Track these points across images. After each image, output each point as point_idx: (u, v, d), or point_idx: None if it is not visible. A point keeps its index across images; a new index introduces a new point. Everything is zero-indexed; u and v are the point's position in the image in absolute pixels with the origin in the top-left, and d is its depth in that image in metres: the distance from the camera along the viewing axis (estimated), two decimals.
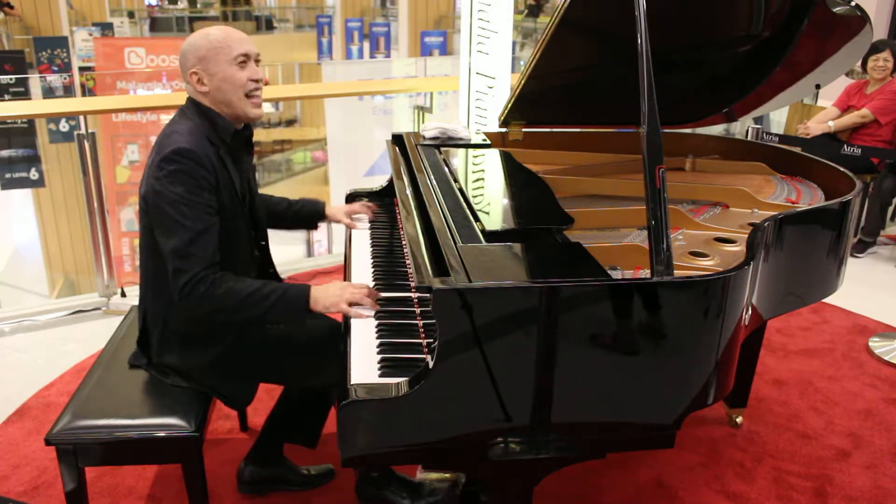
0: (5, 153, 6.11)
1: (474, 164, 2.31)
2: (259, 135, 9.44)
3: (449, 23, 11.54)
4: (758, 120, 5.21)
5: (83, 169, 3.48)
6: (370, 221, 2.38)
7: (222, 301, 1.68)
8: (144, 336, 1.91)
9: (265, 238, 2.04)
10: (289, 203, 2.27)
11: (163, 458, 1.93)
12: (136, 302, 2.00)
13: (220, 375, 1.86)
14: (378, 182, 2.61)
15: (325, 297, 1.72)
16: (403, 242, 2.14)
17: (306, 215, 2.28)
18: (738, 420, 2.62)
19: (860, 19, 2.22)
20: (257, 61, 1.82)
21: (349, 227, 2.35)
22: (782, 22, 2.29)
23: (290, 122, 10.41)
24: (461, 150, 2.45)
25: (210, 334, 1.83)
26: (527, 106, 2.53)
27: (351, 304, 1.72)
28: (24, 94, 6.40)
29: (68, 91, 6.98)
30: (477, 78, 3.71)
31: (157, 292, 1.84)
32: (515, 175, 2.19)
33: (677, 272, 1.47)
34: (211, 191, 1.72)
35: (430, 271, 1.55)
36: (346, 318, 1.74)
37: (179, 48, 1.80)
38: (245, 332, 1.86)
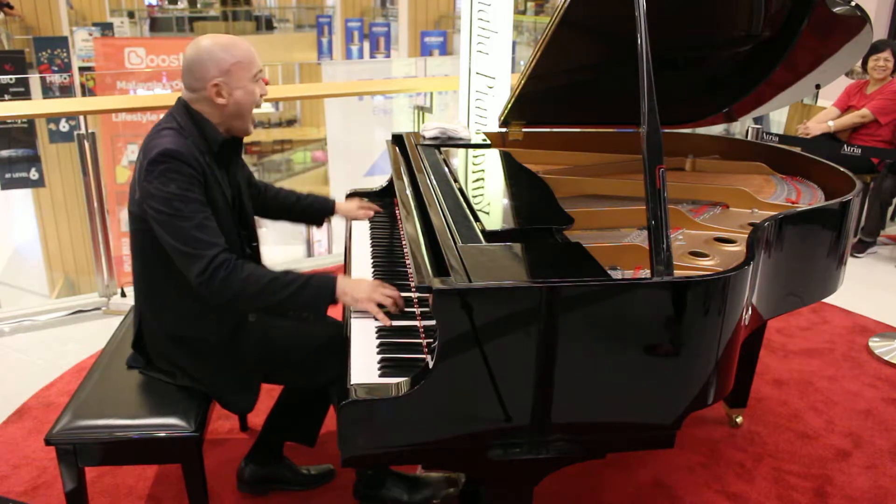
0: (5, 153, 6.10)
1: (474, 164, 2.31)
2: (259, 135, 9.43)
3: (449, 23, 11.53)
4: (758, 120, 5.21)
5: (83, 169, 3.48)
6: (370, 220, 2.38)
7: (244, 286, 1.65)
8: (139, 340, 1.91)
9: (256, 238, 2.03)
10: (298, 198, 2.26)
11: (163, 458, 1.93)
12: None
13: (219, 378, 1.86)
14: (378, 182, 2.61)
15: (356, 290, 1.69)
16: (403, 242, 2.14)
17: (315, 212, 2.29)
18: (738, 420, 2.62)
19: (860, 19, 2.22)
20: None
21: (364, 218, 2.36)
22: (782, 22, 2.29)
23: (290, 122, 10.41)
24: (461, 150, 2.45)
25: (205, 336, 1.83)
26: (527, 106, 2.53)
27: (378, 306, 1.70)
28: (25, 94, 6.40)
29: (67, 91, 6.98)
30: (477, 78, 3.71)
31: (150, 296, 1.84)
32: (515, 175, 2.19)
33: (677, 272, 1.47)
34: (200, 187, 1.71)
35: (430, 271, 1.54)
36: (347, 318, 1.73)
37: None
38: (241, 334, 1.85)
